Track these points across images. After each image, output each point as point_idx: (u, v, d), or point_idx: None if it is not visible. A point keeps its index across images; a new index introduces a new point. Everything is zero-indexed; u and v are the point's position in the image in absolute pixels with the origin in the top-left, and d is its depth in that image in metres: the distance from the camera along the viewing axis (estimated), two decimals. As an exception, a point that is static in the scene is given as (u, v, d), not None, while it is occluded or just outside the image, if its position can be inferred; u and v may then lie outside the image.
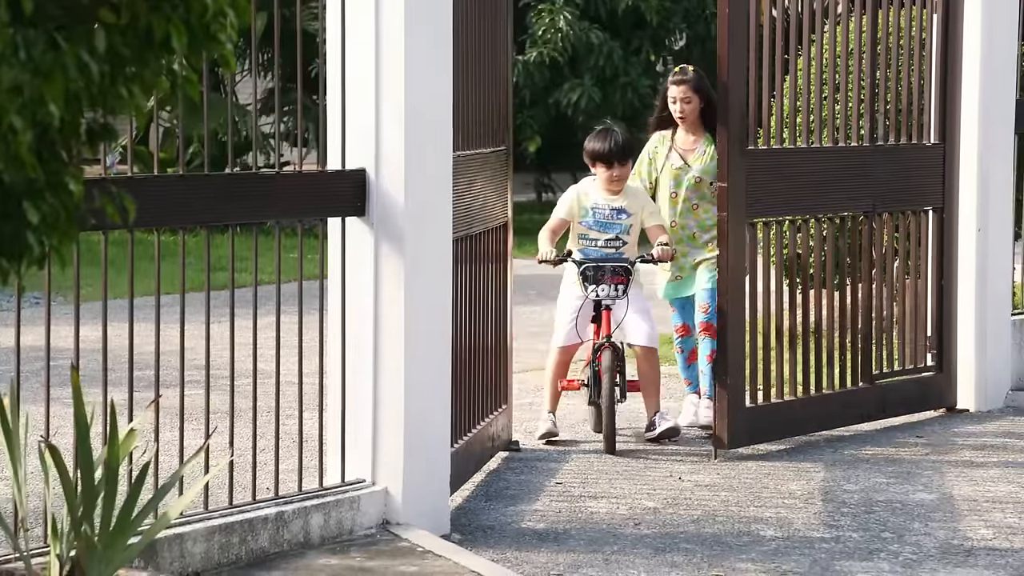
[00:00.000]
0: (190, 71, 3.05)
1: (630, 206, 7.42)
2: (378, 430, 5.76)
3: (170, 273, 6.55)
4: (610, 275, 7.24)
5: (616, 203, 7.42)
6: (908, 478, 6.80)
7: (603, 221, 7.41)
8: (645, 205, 7.47)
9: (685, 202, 7.56)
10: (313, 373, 5.81)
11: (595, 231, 7.42)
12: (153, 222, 5.25)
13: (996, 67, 8.08)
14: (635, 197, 7.45)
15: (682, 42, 18.62)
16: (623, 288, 7.24)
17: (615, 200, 7.42)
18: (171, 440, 5.49)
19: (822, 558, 5.64)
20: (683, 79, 7.57)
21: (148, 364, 5.35)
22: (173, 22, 2.88)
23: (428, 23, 5.76)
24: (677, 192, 7.57)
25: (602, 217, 7.41)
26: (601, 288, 7.24)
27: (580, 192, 7.51)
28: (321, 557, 5.41)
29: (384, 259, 5.74)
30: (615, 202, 7.41)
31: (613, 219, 7.40)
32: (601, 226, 7.41)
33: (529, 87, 16.74)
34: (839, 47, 7.60)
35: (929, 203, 7.95)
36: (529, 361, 9.54)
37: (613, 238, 7.41)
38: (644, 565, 5.54)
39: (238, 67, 16.17)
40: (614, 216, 7.41)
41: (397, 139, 5.69)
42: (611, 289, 7.24)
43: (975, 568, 5.54)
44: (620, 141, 7.40)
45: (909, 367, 7.93)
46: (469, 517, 6.13)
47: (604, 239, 7.41)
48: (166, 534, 5.06)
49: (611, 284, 7.24)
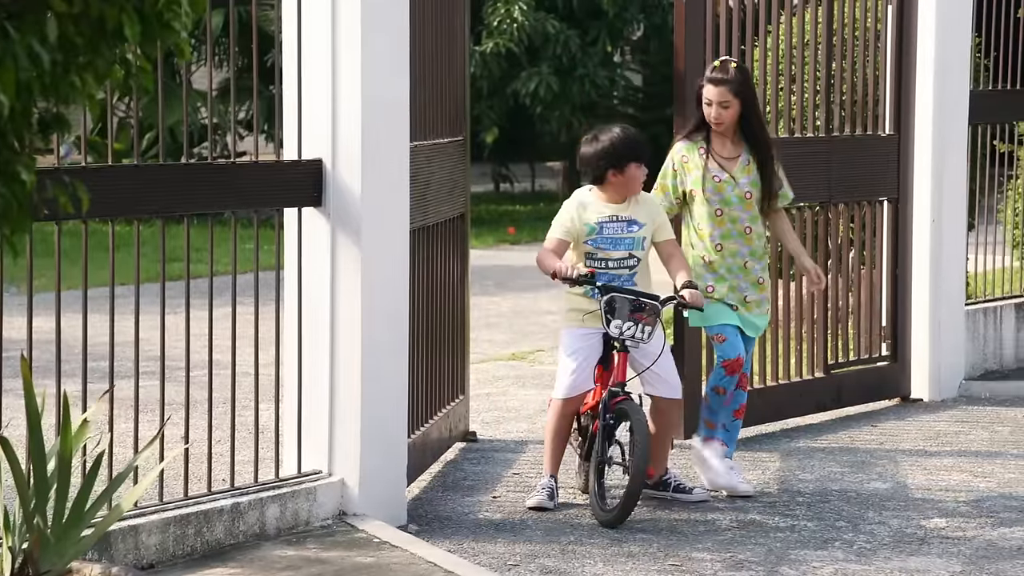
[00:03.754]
0: (144, 60, 3.03)
1: (641, 215, 6.11)
2: (335, 421, 5.74)
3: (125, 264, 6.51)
4: (640, 312, 5.94)
5: (626, 213, 6.08)
6: (863, 467, 6.84)
7: (612, 236, 6.07)
8: (656, 215, 6.16)
9: (735, 223, 6.30)
10: (269, 364, 5.79)
11: (605, 249, 6.06)
12: (107, 212, 5.22)
13: (950, 59, 8.13)
14: (645, 205, 6.15)
15: (639, 32, 18.66)
16: (650, 331, 5.94)
17: (623, 210, 6.09)
18: (126, 431, 5.46)
19: (777, 547, 5.67)
20: (723, 78, 6.29)
21: (102, 355, 5.32)
22: (126, 11, 2.86)
23: (385, 13, 5.74)
24: (723, 210, 6.31)
25: (611, 232, 6.07)
26: (627, 326, 5.91)
27: (576, 206, 6.11)
28: (277, 548, 5.40)
29: (341, 250, 5.72)
30: (623, 212, 6.08)
31: (624, 232, 6.08)
32: (610, 243, 6.06)
33: (486, 78, 16.73)
34: (795, 38, 7.63)
35: (884, 194, 8.00)
36: (486, 351, 9.55)
37: (625, 256, 6.07)
38: (601, 556, 5.55)
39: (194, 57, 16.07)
40: (625, 229, 6.08)
41: (354, 129, 5.68)
42: (637, 329, 5.93)
43: (928, 556, 5.58)
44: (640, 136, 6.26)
45: (864, 357, 7.98)
46: (426, 508, 6.13)
47: (615, 259, 6.06)
48: (120, 526, 5.03)
49: (638, 324, 5.93)
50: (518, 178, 20.23)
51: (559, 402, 6.07)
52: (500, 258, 14.28)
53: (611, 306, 5.91)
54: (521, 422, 7.67)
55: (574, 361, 6.02)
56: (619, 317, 5.91)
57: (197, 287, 5.83)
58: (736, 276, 6.31)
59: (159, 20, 2.90)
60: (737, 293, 6.31)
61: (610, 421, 5.94)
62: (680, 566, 5.44)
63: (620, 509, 5.82)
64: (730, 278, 6.29)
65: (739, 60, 6.53)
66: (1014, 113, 9.04)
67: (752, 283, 6.34)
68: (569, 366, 6.04)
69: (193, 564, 5.20)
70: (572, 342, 6.05)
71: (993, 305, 8.71)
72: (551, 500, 6.07)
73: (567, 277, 5.94)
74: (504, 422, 7.68)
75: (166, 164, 5.53)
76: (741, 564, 5.47)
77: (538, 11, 16.86)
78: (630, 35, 18.60)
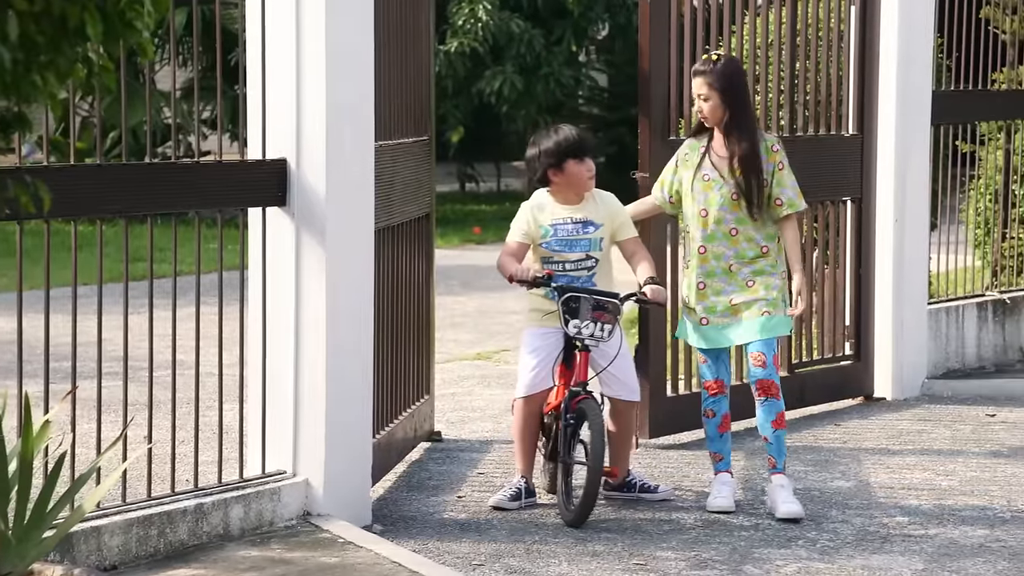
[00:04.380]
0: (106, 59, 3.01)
1: (596, 215, 6.06)
2: (299, 421, 5.73)
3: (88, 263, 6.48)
4: (599, 311, 5.90)
5: (579, 214, 6.04)
6: (826, 466, 6.87)
7: (566, 238, 6.03)
8: (615, 213, 6.09)
9: (718, 224, 6.07)
10: (233, 364, 5.77)
11: (560, 251, 6.03)
12: (70, 212, 5.19)
13: (913, 59, 8.18)
14: (601, 203, 6.09)
15: (604, 32, 18.70)
16: (610, 329, 5.90)
17: (577, 211, 6.05)
18: (88, 432, 5.43)
19: (742, 546, 5.69)
20: (700, 69, 6.11)
21: (65, 356, 5.29)
22: (88, 9, 2.85)
23: (349, 12, 5.73)
24: (708, 210, 6.09)
25: (565, 233, 6.03)
26: (585, 325, 5.88)
27: (533, 207, 6.09)
28: (241, 549, 5.38)
29: (305, 249, 5.71)
30: (577, 213, 6.04)
31: (579, 234, 6.03)
32: (564, 244, 6.03)
33: (451, 77, 16.73)
34: (759, 38, 7.66)
35: (847, 193, 8.04)
36: (452, 351, 9.55)
37: (583, 258, 6.03)
38: (566, 555, 5.56)
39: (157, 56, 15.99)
40: (579, 230, 6.04)
41: (318, 129, 5.66)
42: (596, 328, 5.90)
43: (891, 554, 5.61)
44: (580, 132, 6.16)
45: (828, 356, 8.02)
46: (391, 508, 6.12)
47: (572, 260, 6.03)
48: (82, 527, 5.00)
49: (597, 322, 5.90)
50: (483, 178, 20.24)
51: (520, 401, 6.06)
52: (465, 258, 14.27)
53: (569, 306, 5.88)
54: (486, 422, 7.67)
55: (534, 359, 6.01)
56: (578, 317, 5.87)
57: (161, 287, 5.81)
58: (721, 280, 6.06)
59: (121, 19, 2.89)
60: (722, 297, 6.05)
61: (571, 421, 5.89)
62: (645, 565, 5.45)
63: (579, 508, 5.83)
64: (713, 282, 6.07)
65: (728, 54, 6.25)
66: (976, 113, 9.10)
67: (740, 285, 6.04)
68: (529, 364, 6.02)
69: (156, 565, 5.18)
70: (532, 341, 6.04)
71: (955, 304, 8.76)
72: (514, 501, 6.04)
73: (523, 280, 5.94)
74: (469, 422, 7.68)
75: (129, 164, 5.50)
76: (705, 563, 5.49)
77: (503, 10, 16.87)
78: (595, 35, 18.64)
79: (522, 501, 6.05)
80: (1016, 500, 6.33)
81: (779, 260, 6.10)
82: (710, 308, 6.06)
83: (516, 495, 6.05)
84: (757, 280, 6.04)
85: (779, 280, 6.08)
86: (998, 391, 8.34)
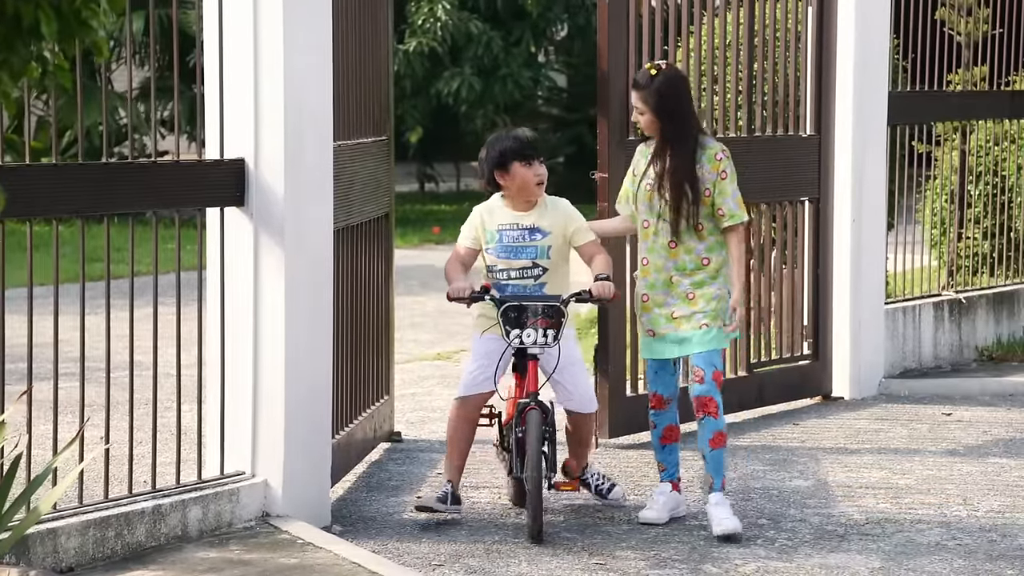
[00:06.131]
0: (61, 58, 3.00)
1: (545, 222, 5.85)
2: (258, 422, 5.71)
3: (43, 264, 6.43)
4: (539, 317, 5.71)
5: (527, 220, 5.85)
6: (784, 465, 6.90)
7: (512, 245, 5.84)
8: (568, 220, 5.88)
9: (657, 236, 5.92)
10: (192, 365, 5.75)
11: (504, 258, 5.85)
12: (25, 212, 5.16)
13: (869, 60, 8.22)
14: (552, 210, 5.88)
15: (563, 33, 18.72)
16: (553, 334, 5.71)
17: (526, 217, 5.85)
18: (44, 433, 5.40)
19: (701, 545, 5.71)
20: (636, 82, 5.98)
21: (21, 356, 5.26)
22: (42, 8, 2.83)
23: (307, 12, 5.71)
24: (649, 221, 5.94)
25: (510, 240, 5.84)
26: (527, 334, 5.70)
27: (483, 212, 5.92)
28: (199, 550, 5.36)
29: (264, 250, 5.69)
30: (525, 219, 5.85)
31: (525, 241, 5.84)
32: (510, 251, 5.85)
33: (410, 77, 16.71)
34: (717, 39, 7.69)
35: (805, 194, 8.07)
36: (412, 351, 9.53)
37: (529, 266, 5.85)
38: (525, 555, 5.56)
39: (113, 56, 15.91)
40: (526, 237, 5.84)
41: (277, 129, 5.65)
42: (539, 335, 5.71)
43: (848, 553, 5.64)
44: (530, 135, 5.98)
45: (786, 356, 8.05)
46: (351, 508, 6.11)
47: (517, 268, 5.85)
48: (38, 529, 4.97)
49: (539, 329, 5.71)
50: (443, 178, 20.23)
51: (456, 402, 5.90)
52: (425, 258, 14.26)
53: (509, 316, 5.70)
54: (446, 422, 7.65)
55: (474, 363, 5.88)
56: (517, 326, 5.70)
57: (118, 287, 5.78)
58: (662, 292, 5.91)
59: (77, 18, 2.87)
60: (664, 309, 5.89)
61: (519, 435, 5.69)
62: (604, 564, 5.46)
63: (529, 521, 5.63)
64: (655, 294, 5.91)
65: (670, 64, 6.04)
66: (931, 114, 9.15)
67: (680, 297, 5.88)
68: (468, 368, 5.90)
69: (113, 567, 5.15)
70: (477, 346, 5.92)
71: (912, 304, 8.82)
72: (440, 503, 5.80)
73: (459, 299, 5.79)
74: (429, 422, 7.67)
75: (86, 163, 5.47)
76: (665, 562, 5.50)
77: (461, 11, 16.87)
78: (554, 35, 18.65)
79: (448, 506, 5.80)
80: (972, 498, 6.38)
81: (722, 272, 5.91)
82: (653, 320, 5.92)
83: (443, 498, 5.82)
84: (697, 293, 5.87)
85: (719, 291, 5.88)
86: (954, 390, 8.40)
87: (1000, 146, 9.55)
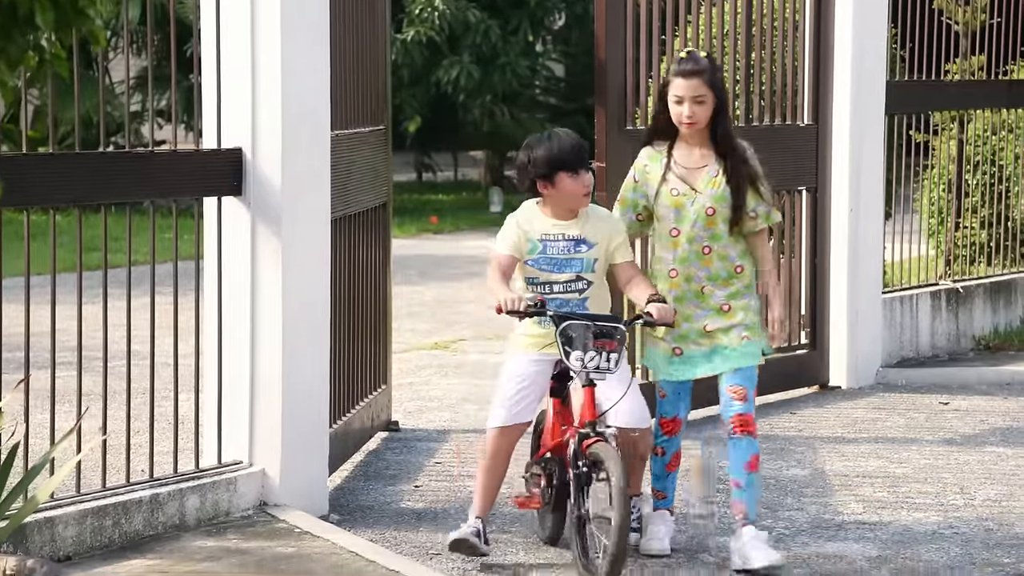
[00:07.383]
0: (58, 47, 2.99)
1: (591, 233, 5.33)
2: (255, 411, 5.71)
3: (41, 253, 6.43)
4: (600, 338, 5.13)
5: (572, 230, 5.31)
6: (782, 454, 6.91)
7: (557, 257, 5.30)
8: (613, 232, 5.35)
9: (691, 243, 5.39)
10: (189, 354, 5.75)
11: (547, 271, 5.30)
12: (23, 201, 5.15)
13: (867, 49, 8.22)
14: (595, 219, 5.36)
15: (561, 22, 18.70)
16: (616, 359, 5.13)
17: (569, 227, 5.32)
18: (42, 422, 5.40)
19: (698, 534, 5.72)
20: (695, 69, 5.35)
21: (18, 345, 5.26)
22: (39, -4, 2.83)
23: (305, 1, 5.71)
24: (679, 228, 5.41)
25: (556, 251, 5.30)
26: (590, 357, 5.10)
27: (520, 220, 5.33)
28: (197, 539, 5.36)
29: (261, 239, 5.69)
30: (570, 229, 5.31)
31: (571, 253, 5.30)
32: (554, 264, 5.30)
33: (408, 66, 16.70)
34: (715, 28, 7.68)
35: (803, 183, 8.07)
36: (409, 341, 9.54)
37: (572, 279, 5.30)
38: (522, 544, 5.57)
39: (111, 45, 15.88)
40: (571, 249, 5.30)
41: (274, 118, 5.64)
42: (602, 359, 5.11)
43: (845, 542, 5.65)
44: (576, 140, 5.37)
45: (783, 345, 8.05)
46: (348, 498, 6.12)
47: (561, 282, 5.30)
48: (36, 518, 4.98)
49: (603, 352, 5.12)
50: (441, 167, 20.22)
51: (495, 431, 5.25)
52: (423, 247, 14.26)
53: (567, 335, 5.11)
54: (443, 411, 7.67)
55: (515, 387, 5.25)
56: (578, 347, 5.10)
57: (115, 277, 5.78)
58: (692, 304, 5.38)
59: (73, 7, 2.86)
60: (694, 323, 5.38)
61: (583, 469, 5.05)
62: (601, 553, 5.46)
63: (610, 569, 4.90)
64: (683, 307, 5.37)
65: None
66: (929, 103, 9.16)
67: (714, 310, 5.38)
68: (508, 392, 5.26)
69: (111, 556, 5.16)
70: (518, 367, 5.29)
71: (909, 293, 8.82)
72: (476, 538, 5.25)
73: (513, 311, 5.10)
74: (427, 411, 7.68)
75: (83, 153, 5.47)
76: (661, 551, 5.50)
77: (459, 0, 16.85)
78: (551, 24, 18.64)
79: (482, 540, 5.27)
80: (969, 487, 6.39)
81: (753, 280, 5.48)
82: (682, 336, 5.38)
83: (478, 533, 5.26)
84: (733, 304, 5.40)
85: (755, 301, 5.47)
86: (951, 379, 8.41)
87: (998, 135, 9.55)
